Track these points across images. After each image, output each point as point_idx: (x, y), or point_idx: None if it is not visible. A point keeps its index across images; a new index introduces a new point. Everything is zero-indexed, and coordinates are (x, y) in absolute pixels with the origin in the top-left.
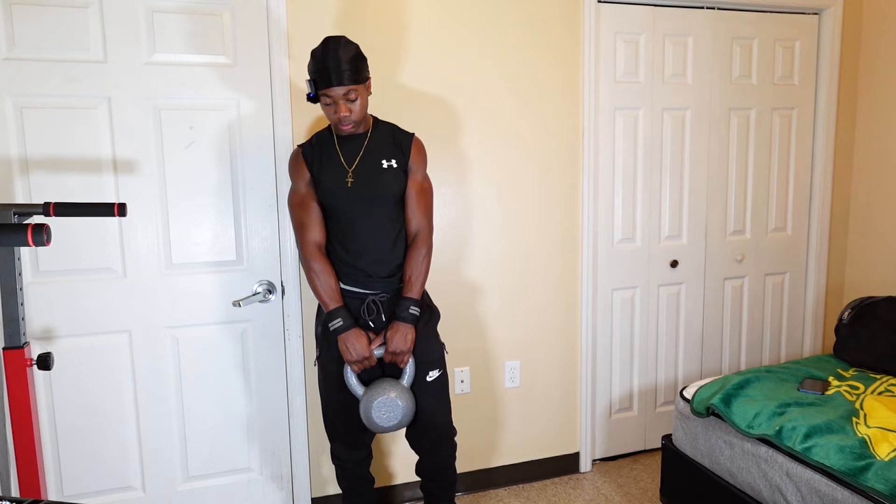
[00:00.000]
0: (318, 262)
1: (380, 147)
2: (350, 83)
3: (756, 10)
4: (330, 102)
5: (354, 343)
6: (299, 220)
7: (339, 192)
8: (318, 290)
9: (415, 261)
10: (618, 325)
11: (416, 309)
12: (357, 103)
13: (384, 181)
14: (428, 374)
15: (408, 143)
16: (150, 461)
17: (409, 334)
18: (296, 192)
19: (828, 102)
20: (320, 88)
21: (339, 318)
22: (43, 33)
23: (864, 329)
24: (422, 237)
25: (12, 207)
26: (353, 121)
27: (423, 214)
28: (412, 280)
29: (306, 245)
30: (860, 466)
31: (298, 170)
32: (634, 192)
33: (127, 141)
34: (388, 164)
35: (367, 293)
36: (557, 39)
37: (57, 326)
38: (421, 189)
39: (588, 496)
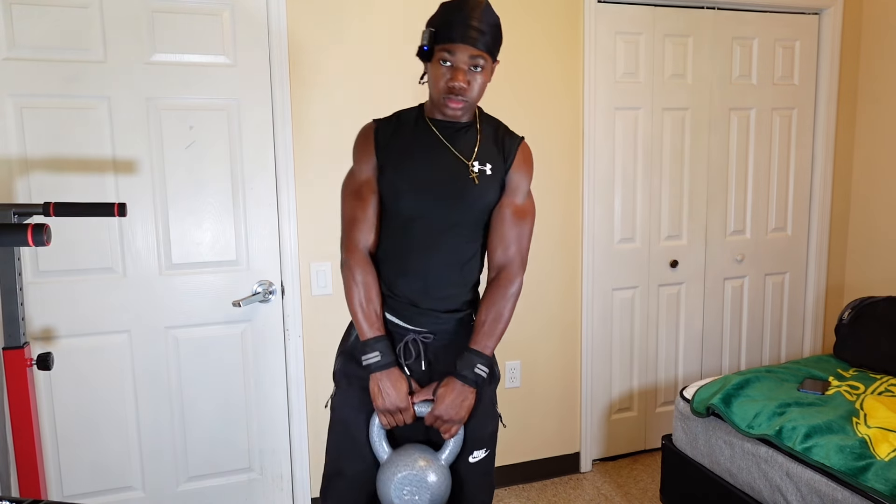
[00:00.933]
0: (365, 271)
1: (486, 144)
2: (484, 48)
3: (756, 10)
4: (449, 63)
5: (390, 387)
6: (351, 214)
7: (412, 191)
8: (357, 307)
9: (496, 304)
10: (618, 325)
11: (484, 369)
12: (479, 80)
13: (474, 189)
14: (472, 454)
15: (513, 147)
16: (150, 461)
17: (467, 399)
18: (354, 176)
19: (828, 102)
20: (443, 41)
21: (378, 353)
22: (43, 33)
23: (864, 329)
24: (510, 274)
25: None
26: (467, 99)
27: (517, 245)
28: (489, 329)
29: (353, 247)
30: (860, 466)
31: (364, 150)
32: (634, 191)
33: (127, 141)
34: (482, 168)
35: (408, 329)
36: (557, 39)
37: (57, 326)
38: (520, 212)
39: (588, 496)
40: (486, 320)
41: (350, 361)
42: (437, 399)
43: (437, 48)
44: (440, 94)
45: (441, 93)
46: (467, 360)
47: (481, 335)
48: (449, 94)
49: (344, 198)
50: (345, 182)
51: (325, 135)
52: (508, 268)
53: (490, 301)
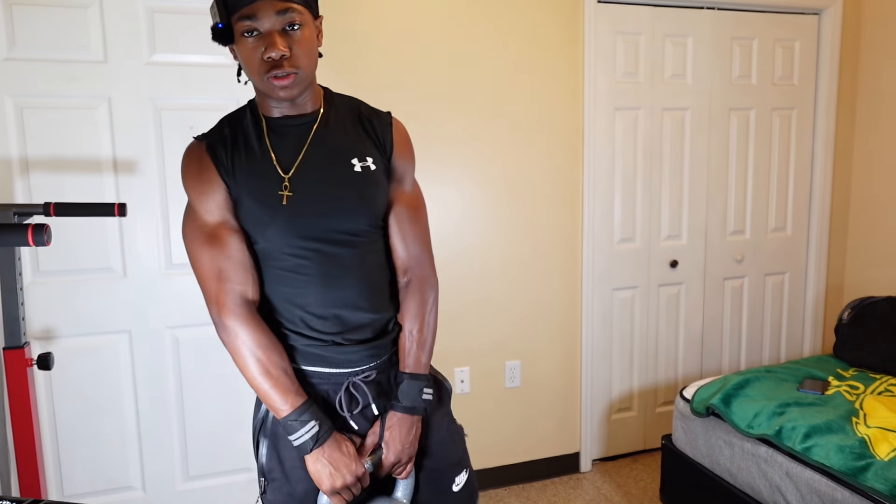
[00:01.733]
0: (254, 329)
1: (341, 133)
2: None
3: (756, 10)
4: (255, 33)
5: (341, 460)
6: (212, 266)
7: (269, 215)
8: (260, 378)
9: (419, 315)
10: (618, 325)
11: (429, 391)
12: (300, 37)
13: (360, 191)
14: (454, 482)
15: (386, 127)
16: (150, 461)
17: (417, 431)
18: (199, 216)
19: (828, 102)
20: (239, 7)
21: (314, 422)
22: (43, 33)
23: (863, 329)
24: (423, 277)
25: (12, 207)
26: (295, 70)
27: (421, 242)
28: (419, 345)
29: (227, 304)
30: (860, 466)
31: (203, 179)
32: (634, 191)
33: (127, 141)
34: (363, 164)
35: (343, 374)
36: (557, 39)
37: (57, 326)
38: (413, 204)
39: (588, 496)
40: (413, 336)
41: (277, 443)
42: (389, 443)
43: (235, 19)
44: (259, 74)
45: (261, 72)
46: (409, 387)
47: (412, 354)
48: (271, 69)
49: (193, 247)
50: (187, 227)
51: None
52: (419, 270)
53: (411, 313)
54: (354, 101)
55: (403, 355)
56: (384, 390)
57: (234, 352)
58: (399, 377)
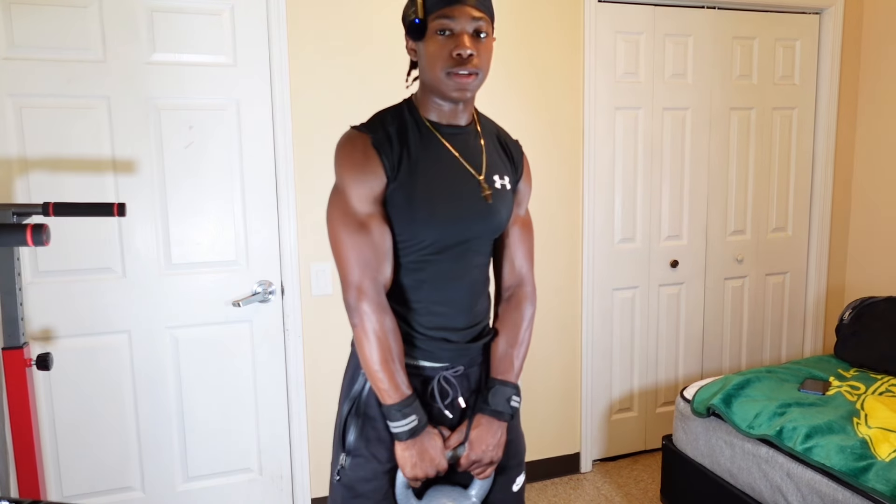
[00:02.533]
0: (384, 318)
1: (493, 151)
2: (486, 10)
3: (756, 9)
4: (447, 33)
5: (427, 454)
6: (358, 253)
7: (435, 219)
8: (379, 366)
9: (517, 328)
10: (618, 325)
11: (517, 399)
12: (486, 44)
13: (500, 205)
14: (515, 482)
15: (520, 155)
16: (150, 461)
17: (503, 436)
18: (351, 203)
19: (828, 102)
20: (438, 7)
21: (415, 416)
22: (43, 33)
23: (864, 329)
24: (525, 294)
25: (12, 207)
26: (477, 70)
27: (528, 262)
28: (514, 356)
29: (367, 292)
30: (861, 467)
31: (365, 168)
32: (634, 191)
33: (127, 141)
34: (502, 182)
35: (436, 367)
36: (558, 39)
37: (56, 326)
38: (526, 225)
39: (588, 496)
40: (509, 346)
41: (368, 422)
42: (473, 443)
43: (431, 18)
44: (443, 69)
45: (444, 68)
46: (499, 393)
47: (506, 363)
48: (456, 66)
49: (340, 233)
50: (335, 211)
51: (325, 135)
52: (523, 287)
53: (510, 325)
54: (495, 123)
55: (496, 362)
56: (472, 386)
57: (362, 336)
58: (490, 382)
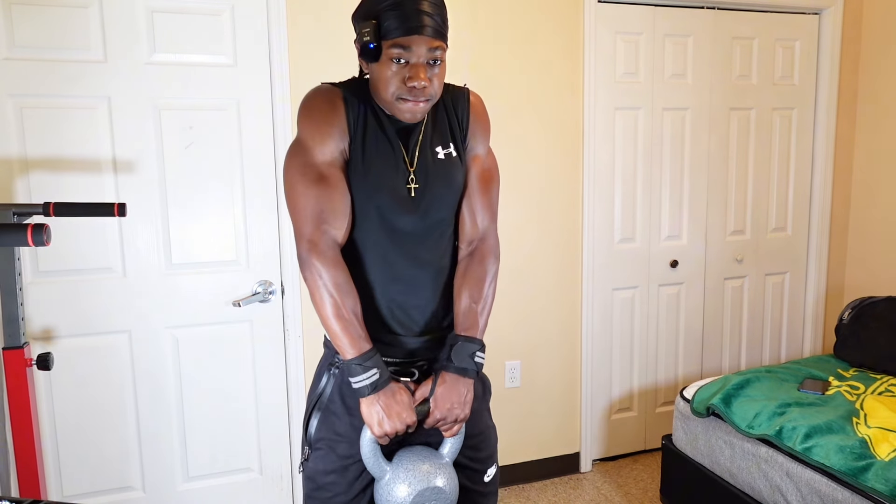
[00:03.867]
0: (338, 270)
1: (430, 124)
2: (441, 37)
3: (756, 10)
4: (402, 62)
5: (394, 407)
6: (315, 204)
7: (397, 203)
8: (334, 317)
9: (480, 283)
10: (618, 325)
11: (482, 356)
12: (439, 71)
13: (448, 181)
14: (486, 473)
15: (464, 104)
16: (150, 461)
17: (469, 393)
18: (311, 153)
19: (828, 102)
20: (393, 35)
21: (376, 370)
22: (43, 33)
23: (864, 329)
24: (488, 247)
25: (12, 207)
26: (427, 98)
27: (489, 212)
28: (477, 310)
29: (319, 246)
30: (860, 467)
31: (330, 121)
32: (634, 191)
33: (127, 141)
34: (446, 151)
35: (396, 363)
36: (558, 39)
37: (57, 326)
38: (486, 174)
39: (588, 496)
40: (472, 302)
41: (329, 417)
42: (438, 401)
43: (387, 44)
44: (394, 95)
45: (396, 93)
46: (462, 349)
47: (470, 319)
48: (409, 93)
49: (297, 184)
50: (294, 162)
51: None
52: (485, 241)
53: (473, 280)
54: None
55: (460, 318)
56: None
57: (314, 290)
58: (452, 338)
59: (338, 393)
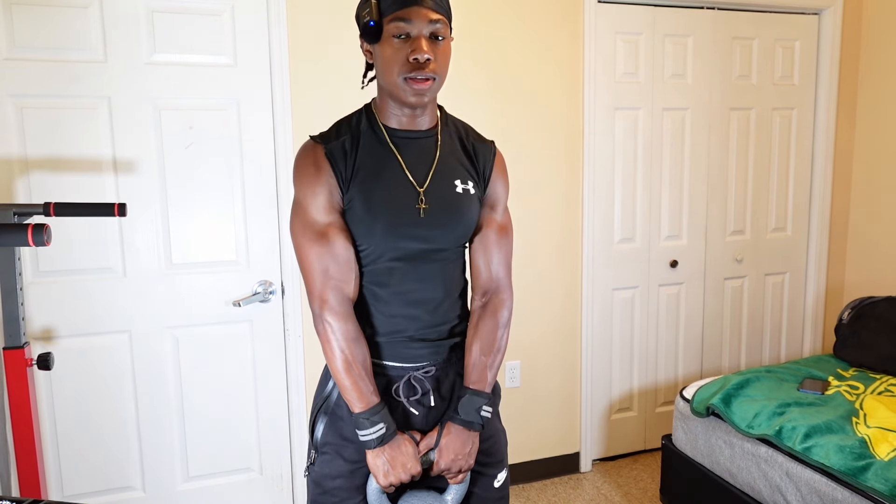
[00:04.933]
0: (348, 326)
1: (451, 156)
2: (443, 11)
3: (756, 10)
4: (403, 36)
5: (399, 459)
6: (320, 264)
7: (407, 225)
8: (344, 374)
9: (492, 334)
10: (618, 325)
11: (488, 409)
12: (443, 48)
13: (461, 214)
14: (496, 479)
15: (488, 156)
16: (150, 461)
17: (474, 445)
18: (309, 214)
19: (828, 102)
20: (393, 10)
21: (383, 425)
22: (43, 33)
23: (863, 329)
24: (501, 299)
25: (12, 207)
26: (435, 75)
27: (504, 266)
28: (487, 365)
29: (329, 301)
30: (860, 466)
31: (318, 180)
32: (634, 191)
33: (127, 141)
34: (464, 187)
35: (405, 367)
36: (558, 39)
37: (57, 326)
38: (503, 229)
39: (588, 496)
40: (482, 354)
41: (336, 422)
42: (443, 451)
43: (387, 20)
44: (399, 74)
45: (401, 73)
46: (469, 402)
47: (480, 371)
48: (413, 70)
49: (301, 243)
50: (296, 223)
51: None
52: (498, 293)
53: (484, 332)
54: (463, 124)
55: (469, 370)
56: (440, 386)
57: (325, 344)
58: (462, 391)
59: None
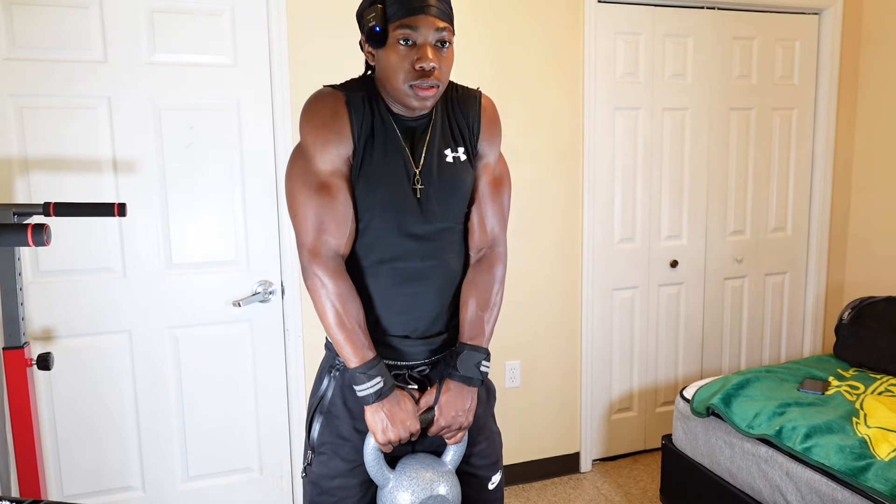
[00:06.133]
0: (340, 280)
1: (441, 126)
2: (448, 19)
3: (756, 10)
4: (409, 43)
5: (398, 415)
6: (316, 214)
7: (403, 205)
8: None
9: (487, 290)
10: (618, 325)
11: (486, 364)
12: (447, 55)
13: (455, 185)
14: (491, 481)
15: (474, 107)
16: (150, 461)
17: (472, 402)
18: (313, 162)
19: (828, 102)
20: (399, 17)
21: (380, 378)
22: (43, 33)
23: (864, 329)
24: (496, 254)
25: (12, 207)
26: (439, 83)
27: (499, 219)
28: (485, 320)
29: (321, 255)
30: (860, 466)
31: (332, 128)
32: (634, 191)
33: (127, 141)
34: (455, 155)
35: (399, 365)
36: (558, 39)
37: (57, 326)
38: (496, 181)
39: (588, 496)
40: (479, 310)
41: (332, 421)
42: (443, 408)
43: (393, 27)
44: (405, 82)
45: (406, 80)
46: (467, 358)
47: (477, 327)
48: (418, 78)
49: (299, 192)
50: (295, 169)
51: None
52: (495, 248)
53: (481, 288)
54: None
55: (466, 326)
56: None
57: (317, 300)
58: (459, 347)
59: (339, 396)
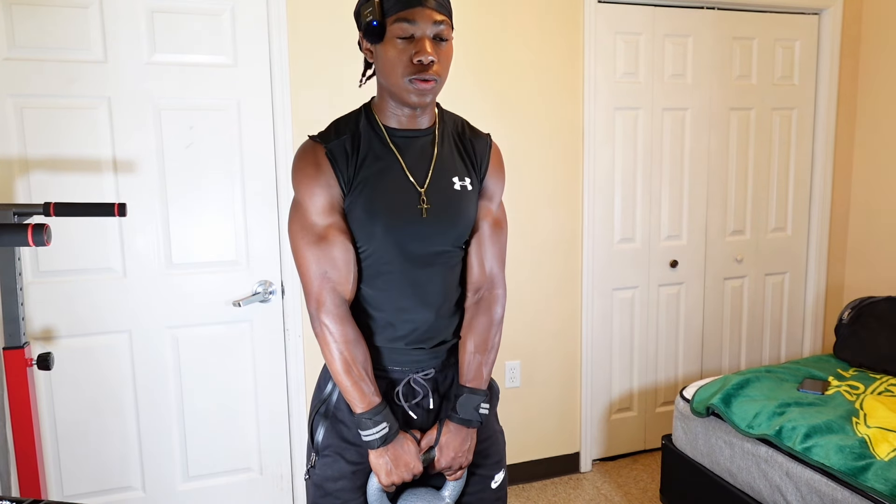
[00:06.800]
0: (346, 327)
1: (448, 153)
2: (446, 12)
3: (756, 10)
4: (408, 36)
5: (402, 458)
6: (318, 266)
7: (409, 226)
8: (344, 375)
9: (485, 331)
10: (618, 325)
11: (485, 407)
12: (446, 49)
13: (460, 211)
14: (493, 479)
15: (484, 149)
16: (150, 461)
17: (472, 442)
18: (309, 216)
19: (828, 102)
20: (397, 10)
21: (385, 424)
22: (43, 33)
23: (864, 329)
24: (494, 295)
25: (12, 207)
26: (438, 77)
27: (498, 261)
28: (482, 362)
29: (325, 303)
30: (860, 466)
31: (318, 181)
32: (634, 192)
33: (127, 141)
34: (462, 184)
35: (405, 371)
36: (558, 39)
37: (57, 326)
38: (497, 223)
39: (588, 496)
40: (477, 352)
41: (336, 425)
42: (443, 449)
43: (390, 20)
44: (403, 76)
45: (405, 75)
46: (467, 401)
47: (475, 369)
48: (417, 73)
49: (300, 245)
50: (295, 224)
51: None
52: (493, 290)
53: (478, 330)
54: (459, 119)
55: (465, 368)
56: (439, 387)
57: (324, 346)
58: (458, 390)
59: (344, 401)
